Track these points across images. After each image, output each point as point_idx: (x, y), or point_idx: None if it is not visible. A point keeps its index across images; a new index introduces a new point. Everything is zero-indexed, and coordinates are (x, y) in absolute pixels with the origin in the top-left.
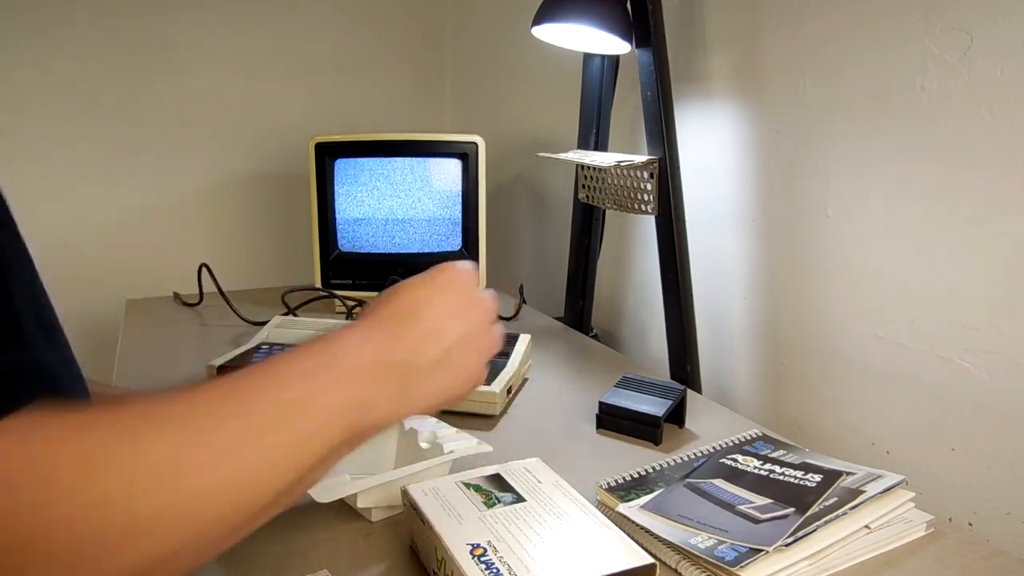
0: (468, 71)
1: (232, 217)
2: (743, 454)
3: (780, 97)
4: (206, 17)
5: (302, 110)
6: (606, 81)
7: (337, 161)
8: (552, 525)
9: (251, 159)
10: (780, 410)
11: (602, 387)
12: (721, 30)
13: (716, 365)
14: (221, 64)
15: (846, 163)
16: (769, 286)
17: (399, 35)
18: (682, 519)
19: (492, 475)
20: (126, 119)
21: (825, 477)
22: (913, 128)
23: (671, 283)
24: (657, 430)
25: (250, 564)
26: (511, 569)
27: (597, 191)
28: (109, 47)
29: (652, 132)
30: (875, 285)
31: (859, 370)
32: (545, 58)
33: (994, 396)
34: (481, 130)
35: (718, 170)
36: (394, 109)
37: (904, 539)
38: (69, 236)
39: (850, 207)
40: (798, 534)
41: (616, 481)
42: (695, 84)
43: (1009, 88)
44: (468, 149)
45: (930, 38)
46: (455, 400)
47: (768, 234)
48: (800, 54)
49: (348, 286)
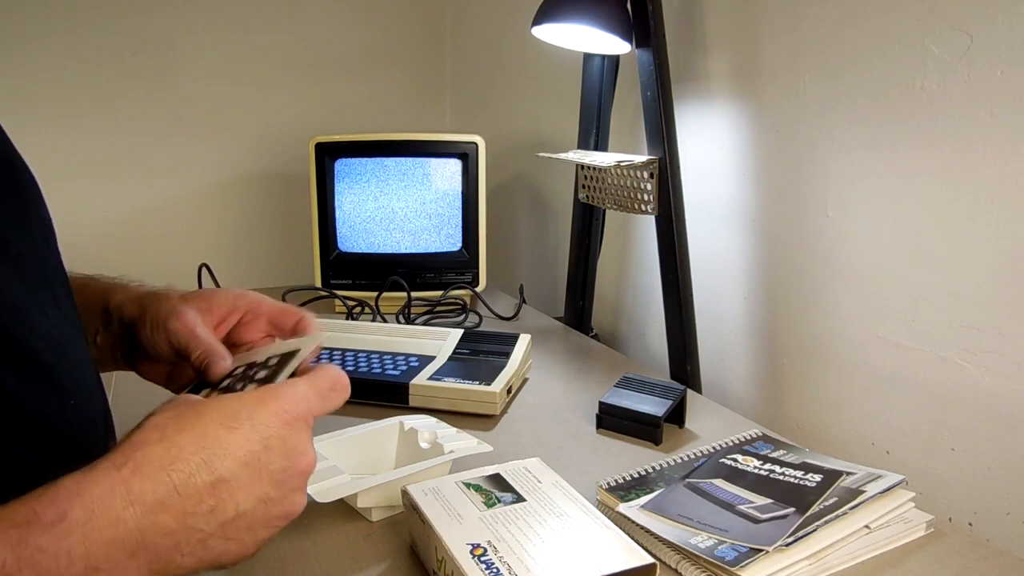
0: (468, 71)
1: (232, 217)
2: (743, 454)
3: (780, 97)
4: (206, 17)
5: (302, 110)
6: (606, 81)
7: (337, 161)
8: (552, 525)
9: (251, 159)
10: (780, 410)
11: (602, 387)
12: (721, 30)
13: (716, 365)
14: (221, 64)
15: (846, 163)
16: (769, 286)
17: (399, 35)
18: (682, 519)
19: (492, 475)
20: (126, 119)
21: (825, 477)
22: (913, 128)
23: (671, 283)
24: (657, 430)
25: (250, 564)
26: (511, 569)
27: (597, 191)
28: (109, 47)
29: (652, 132)
30: (875, 285)
31: (859, 370)
32: (545, 58)
33: (994, 396)
34: (481, 130)
35: (718, 170)
36: (394, 109)
37: (904, 539)
38: (69, 236)
39: (850, 207)
40: (798, 534)
41: (616, 481)
42: (695, 84)
43: (1009, 88)
44: (468, 149)
45: (930, 38)
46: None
47: (768, 234)
48: (800, 54)
49: (348, 286)
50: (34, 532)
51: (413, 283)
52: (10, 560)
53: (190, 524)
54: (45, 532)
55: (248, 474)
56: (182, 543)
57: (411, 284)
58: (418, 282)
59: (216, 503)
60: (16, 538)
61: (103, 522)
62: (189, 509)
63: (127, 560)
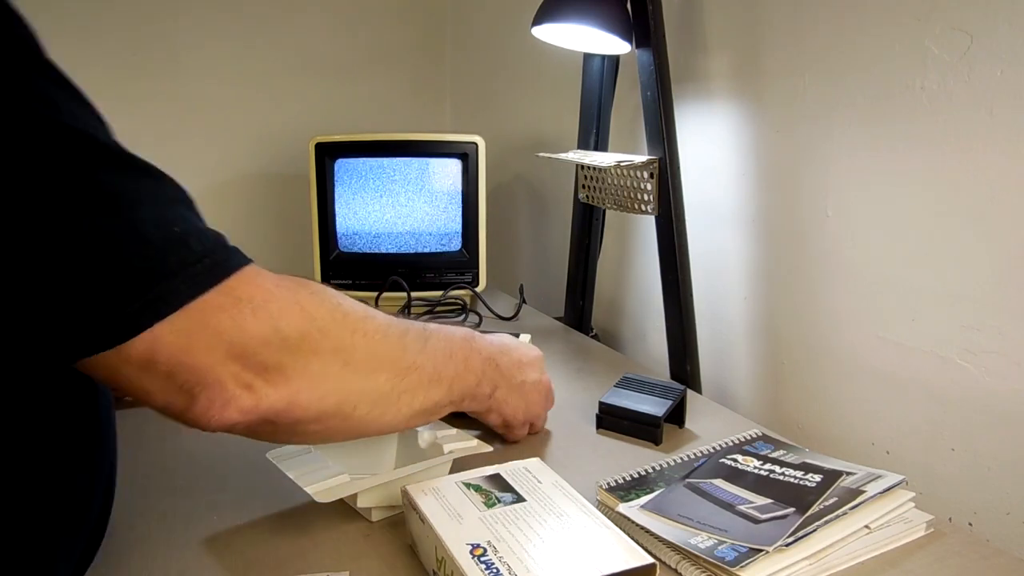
0: (468, 71)
1: (232, 217)
2: (743, 454)
3: (780, 97)
4: (206, 17)
5: (302, 110)
6: (606, 81)
7: (337, 161)
8: (552, 525)
9: (251, 159)
10: (780, 410)
11: (602, 387)
12: (721, 30)
13: (716, 365)
14: (221, 64)
15: (846, 163)
16: (769, 286)
17: (399, 35)
18: (682, 519)
19: (492, 475)
20: (125, 119)
21: (825, 477)
22: (913, 128)
23: (671, 283)
24: (657, 430)
25: (250, 564)
26: (511, 569)
27: (597, 191)
28: (109, 46)
29: (652, 132)
30: (875, 285)
31: (859, 370)
32: (545, 58)
33: (994, 396)
34: (481, 130)
35: (718, 170)
36: (394, 109)
37: (904, 539)
38: None
39: (850, 207)
40: (798, 534)
41: (616, 481)
42: (695, 84)
43: (1009, 88)
44: (468, 149)
45: (930, 38)
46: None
47: (768, 234)
48: (800, 54)
49: (348, 286)
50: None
51: (413, 283)
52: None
53: (506, 375)
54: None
55: (529, 366)
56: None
57: (411, 284)
58: (418, 282)
59: (515, 369)
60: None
61: (483, 350)
62: (506, 365)
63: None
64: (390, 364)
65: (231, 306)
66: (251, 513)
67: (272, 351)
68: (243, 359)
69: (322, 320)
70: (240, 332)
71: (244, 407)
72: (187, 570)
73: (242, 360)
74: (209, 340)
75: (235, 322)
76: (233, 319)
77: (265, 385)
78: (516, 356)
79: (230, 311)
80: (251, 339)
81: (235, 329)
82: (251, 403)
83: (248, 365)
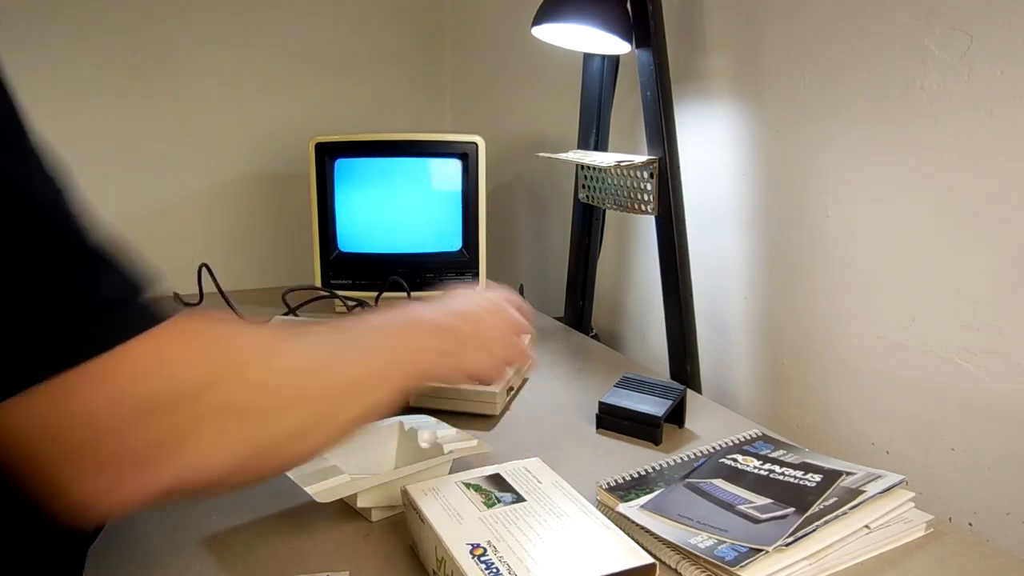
0: (468, 71)
1: (232, 217)
2: (743, 454)
3: (780, 97)
4: (206, 17)
5: (302, 110)
6: (606, 81)
7: (337, 161)
8: (552, 525)
9: (251, 159)
10: (780, 410)
11: (602, 387)
12: (721, 30)
13: (716, 365)
14: (221, 64)
15: (846, 163)
16: (769, 286)
17: (399, 35)
18: (682, 519)
19: (492, 475)
20: (125, 119)
21: (825, 477)
22: (913, 128)
23: (671, 283)
24: (657, 430)
25: (250, 564)
26: (511, 569)
27: (597, 191)
28: (109, 47)
29: (652, 132)
30: (875, 285)
31: (859, 370)
32: (545, 58)
33: (994, 396)
34: (481, 130)
35: (718, 170)
36: (394, 109)
37: (904, 539)
38: None
39: (850, 207)
40: (798, 534)
41: (616, 481)
42: (695, 84)
43: (1009, 88)
44: (468, 149)
45: (930, 38)
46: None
47: (768, 234)
48: (800, 54)
49: (348, 286)
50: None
51: (413, 283)
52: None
53: (456, 329)
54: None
55: (481, 309)
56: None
57: (411, 284)
58: (418, 282)
59: (463, 319)
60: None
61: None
62: (451, 317)
63: None
64: (307, 395)
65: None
66: (251, 513)
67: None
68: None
69: (213, 374)
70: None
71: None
72: (187, 570)
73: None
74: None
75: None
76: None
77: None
78: (458, 310)
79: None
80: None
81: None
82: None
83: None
